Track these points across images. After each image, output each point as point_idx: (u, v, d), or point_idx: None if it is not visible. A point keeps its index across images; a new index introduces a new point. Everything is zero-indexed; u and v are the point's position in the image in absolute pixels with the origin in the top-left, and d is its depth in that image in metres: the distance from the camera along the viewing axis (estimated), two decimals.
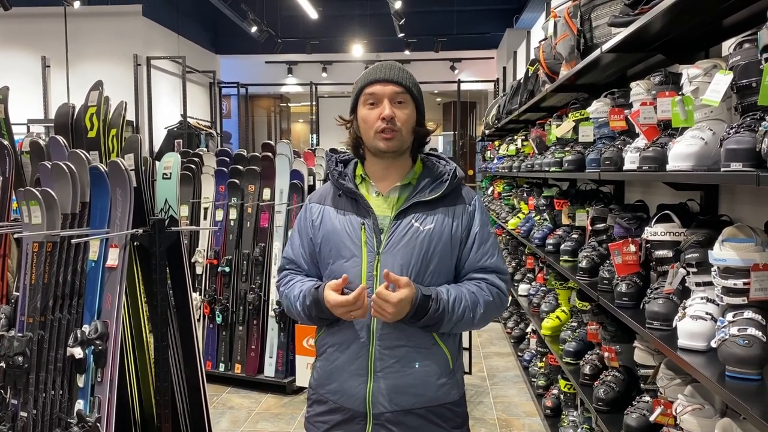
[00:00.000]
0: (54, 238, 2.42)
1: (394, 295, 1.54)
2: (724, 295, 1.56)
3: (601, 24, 2.76)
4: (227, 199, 4.84)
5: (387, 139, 1.65)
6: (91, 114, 2.66)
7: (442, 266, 1.67)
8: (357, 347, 1.64)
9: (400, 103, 1.67)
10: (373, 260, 1.64)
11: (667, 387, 1.99)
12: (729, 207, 2.24)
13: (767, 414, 1.25)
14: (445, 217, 1.67)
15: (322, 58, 12.06)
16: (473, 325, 1.69)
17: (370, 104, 1.68)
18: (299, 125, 17.75)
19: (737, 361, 1.44)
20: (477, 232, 1.70)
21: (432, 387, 1.66)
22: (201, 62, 10.72)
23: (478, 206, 1.74)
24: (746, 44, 1.49)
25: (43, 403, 2.38)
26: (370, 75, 1.69)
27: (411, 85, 1.69)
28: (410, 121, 1.68)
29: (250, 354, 4.63)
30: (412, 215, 1.66)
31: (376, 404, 1.63)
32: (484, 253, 1.70)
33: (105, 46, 8.89)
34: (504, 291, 1.72)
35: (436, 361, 1.67)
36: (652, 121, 2.15)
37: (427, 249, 1.64)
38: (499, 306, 1.71)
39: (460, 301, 1.62)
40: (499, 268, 1.72)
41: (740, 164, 1.38)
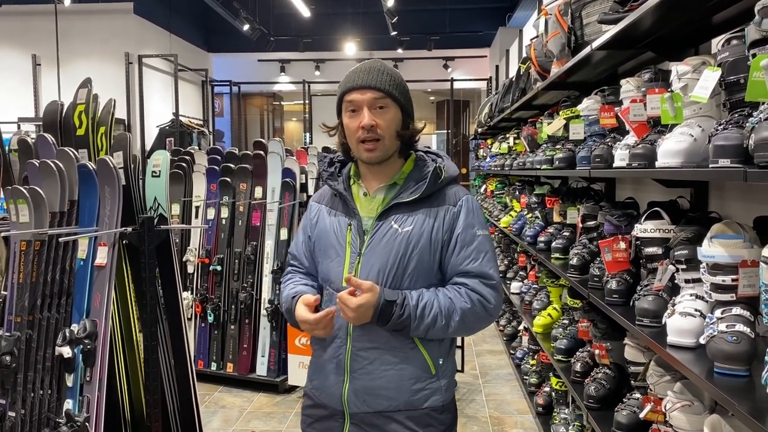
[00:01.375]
0: (42, 237, 2.40)
1: (354, 300, 1.54)
2: (712, 292, 1.56)
3: (591, 21, 2.76)
4: (219, 198, 4.82)
5: (369, 150, 1.62)
6: (80, 112, 2.64)
7: (421, 269, 1.62)
8: (335, 346, 1.66)
9: (382, 108, 1.62)
10: (354, 261, 1.64)
11: (657, 384, 1.99)
12: (718, 204, 2.25)
13: (755, 410, 1.25)
14: (425, 219, 1.63)
15: (314, 56, 12.04)
16: (450, 332, 1.61)
17: (351, 111, 1.64)
18: (292, 124, 17.71)
19: (725, 358, 1.44)
20: (459, 234, 1.63)
21: (406, 391, 1.61)
22: (193, 60, 10.68)
23: (465, 207, 1.65)
24: (734, 41, 1.50)
25: (31, 403, 2.37)
26: (349, 82, 1.65)
27: (391, 87, 1.63)
28: (393, 126, 1.64)
29: (242, 353, 4.62)
30: (393, 217, 1.64)
31: (351, 404, 1.64)
32: (466, 257, 1.62)
33: (96, 44, 8.85)
34: (487, 298, 1.61)
35: (414, 365, 1.62)
36: (641, 118, 2.15)
37: (405, 251, 1.61)
38: (481, 314, 1.61)
39: (430, 307, 1.57)
40: (484, 272, 1.62)
41: (728, 160, 1.38)
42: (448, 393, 1.68)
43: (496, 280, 1.64)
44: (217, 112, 12.50)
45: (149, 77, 9.24)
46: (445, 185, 1.67)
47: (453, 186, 1.70)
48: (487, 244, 1.66)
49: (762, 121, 1.18)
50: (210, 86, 11.25)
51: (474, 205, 1.68)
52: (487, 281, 1.62)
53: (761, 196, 2.02)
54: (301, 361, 4.28)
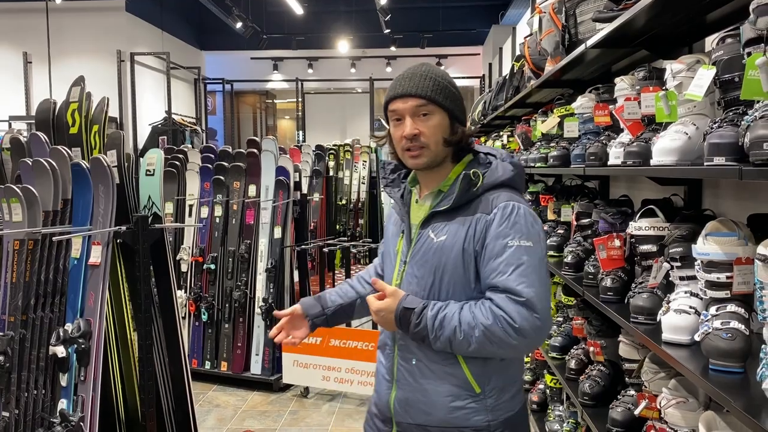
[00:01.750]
0: (35, 236, 2.39)
1: (375, 304, 1.54)
2: (707, 289, 1.57)
3: (585, 20, 2.77)
4: (212, 196, 4.81)
5: (414, 156, 1.57)
6: (73, 110, 2.63)
7: (456, 280, 1.54)
8: (386, 353, 1.66)
9: (425, 115, 1.55)
10: (401, 269, 1.63)
11: (652, 381, 2.00)
12: (712, 201, 2.26)
13: (751, 406, 1.26)
14: (459, 228, 1.54)
15: (307, 54, 12.02)
16: (473, 349, 1.48)
17: (396, 120, 1.59)
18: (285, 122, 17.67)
19: (720, 355, 1.45)
20: (488, 245, 1.50)
21: (442, 408, 1.54)
22: (185, 58, 10.64)
23: (499, 215, 1.51)
24: (729, 39, 1.50)
25: (25, 403, 2.36)
26: (392, 90, 1.60)
27: (434, 93, 1.55)
28: (438, 133, 1.56)
29: (236, 352, 4.61)
30: (432, 226, 1.59)
31: (396, 412, 1.62)
32: (492, 270, 1.49)
33: (88, 42, 8.80)
34: (512, 316, 1.44)
35: (452, 382, 1.54)
36: (636, 116, 2.16)
37: (438, 262, 1.55)
38: (507, 333, 1.45)
39: (450, 319, 1.48)
40: (510, 288, 1.46)
41: (723, 158, 1.38)
42: (497, 413, 1.55)
43: (526, 298, 1.45)
44: (210, 111, 12.47)
45: (141, 75, 9.20)
46: (485, 191, 1.56)
47: (495, 192, 1.56)
48: (524, 256, 1.48)
49: (757, 120, 1.19)
50: (203, 84, 11.21)
51: (515, 212, 1.52)
52: (515, 297, 1.46)
53: (755, 193, 2.03)
54: (296, 360, 4.28)
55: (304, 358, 4.25)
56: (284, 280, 4.63)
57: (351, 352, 4.11)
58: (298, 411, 4.13)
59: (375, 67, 12.01)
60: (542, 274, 1.50)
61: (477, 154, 1.66)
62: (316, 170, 6.98)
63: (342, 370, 4.14)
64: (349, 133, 12.56)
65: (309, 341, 4.23)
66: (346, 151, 8.40)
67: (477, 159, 1.65)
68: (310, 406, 4.23)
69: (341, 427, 3.86)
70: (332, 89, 13.59)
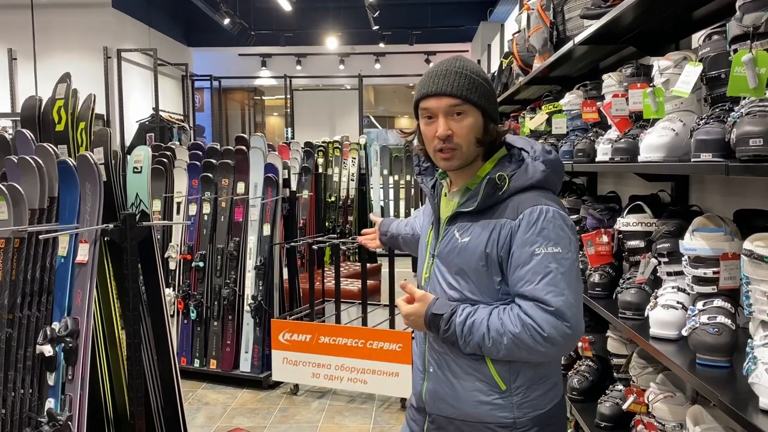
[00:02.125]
0: (21, 234, 2.37)
1: (404, 309, 1.55)
2: (694, 284, 1.58)
3: (573, 16, 2.77)
4: (200, 194, 4.78)
5: (445, 159, 1.53)
6: (59, 107, 2.61)
7: (480, 283, 1.52)
8: (420, 345, 1.67)
9: (459, 114, 1.50)
10: (430, 261, 1.63)
11: (640, 376, 2.02)
12: (699, 197, 2.28)
13: (737, 400, 1.27)
14: (482, 232, 1.50)
15: (296, 50, 11.98)
16: (502, 355, 1.47)
17: (427, 118, 1.54)
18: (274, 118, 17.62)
19: (707, 349, 1.47)
20: (514, 252, 1.46)
21: (468, 403, 1.54)
22: (173, 55, 10.58)
23: (525, 222, 1.45)
24: (715, 36, 1.51)
25: (12, 403, 2.34)
26: (424, 87, 1.53)
27: (469, 92, 1.49)
28: (472, 133, 1.51)
29: (225, 349, 4.60)
30: (458, 224, 1.56)
31: (427, 403, 1.63)
32: (520, 278, 1.45)
33: (74, 39, 8.73)
34: (541, 325, 1.41)
35: (478, 378, 1.53)
36: (623, 112, 2.17)
37: (462, 262, 1.53)
38: (535, 341, 1.42)
39: (478, 326, 1.46)
40: (538, 297, 1.42)
41: (710, 155, 1.40)
42: (524, 411, 1.52)
43: (555, 307, 1.41)
44: (198, 107, 12.41)
45: (128, 72, 9.13)
46: (511, 195, 1.50)
47: (523, 194, 1.50)
48: (552, 264, 1.43)
49: (743, 116, 1.20)
50: (190, 81, 11.15)
51: (542, 218, 1.45)
52: (544, 306, 1.42)
53: (741, 189, 2.05)
54: (285, 357, 4.27)
55: (294, 355, 4.24)
56: (273, 277, 4.62)
57: (341, 349, 4.11)
58: (287, 408, 4.13)
59: (364, 64, 12.00)
60: (572, 280, 1.45)
61: (511, 149, 1.59)
62: (305, 167, 6.96)
63: (332, 367, 4.14)
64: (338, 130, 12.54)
65: (298, 338, 4.23)
66: (335, 148, 8.39)
67: (509, 155, 1.57)
68: (299, 403, 4.22)
69: (331, 424, 3.86)
70: (320, 86, 13.57)
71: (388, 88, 16.78)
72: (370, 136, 10.66)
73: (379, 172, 9.84)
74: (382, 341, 4.01)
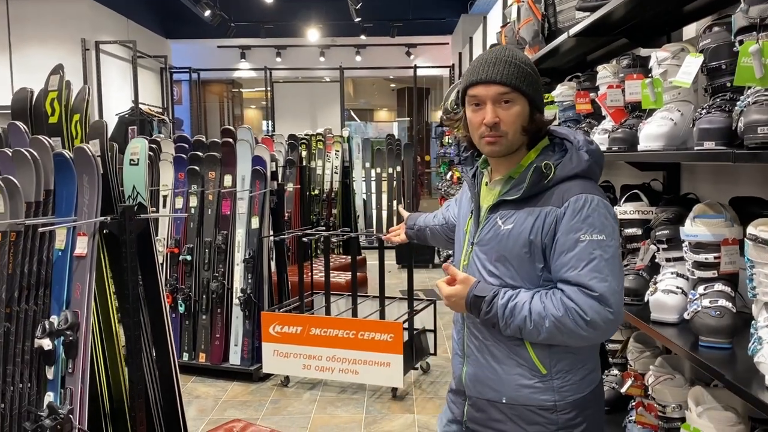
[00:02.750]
0: (18, 227, 2.35)
1: (446, 290, 1.58)
2: (695, 269, 1.63)
3: (565, 9, 2.82)
4: (187, 187, 4.75)
5: (491, 144, 1.55)
6: (52, 99, 2.58)
7: (521, 268, 1.55)
8: (458, 329, 1.72)
9: (507, 102, 1.53)
10: (469, 249, 1.66)
11: (637, 360, 2.07)
12: (691, 186, 2.33)
13: (742, 379, 1.32)
14: (526, 218, 1.53)
15: (276, 42, 11.91)
16: (543, 338, 1.50)
17: (474, 105, 1.56)
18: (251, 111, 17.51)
19: (710, 332, 1.52)
20: (559, 239, 1.49)
21: (510, 386, 1.58)
22: (151, 47, 10.45)
23: (570, 209, 1.48)
24: (716, 27, 1.55)
25: (11, 397, 2.32)
26: (473, 75, 1.55)
27: (518, 81, 1.52)
28: (518, 121, 1.53)
29: (214, 343, 4.59)
30: (500, 212, 1.59)
31: (467, 386, 1.67)
32: (563, 264, 1.48)
33: (50, 30, 8.57)
34: (584, 310, 1.44)
35: (518, 363, 1.57)
36: (618, 103, 2.22)
37: (504, 249, 1.56)
38: (578, 325, 1.45)
39: (520, 309, 1.49)
40: (582, 283, 1.45)
41: (713, 143, 1.44)
42: (564, 394, 1.56)
43: (599, 293, 1.44)
44: (176, 100, 12.28)
45: (106, 64, 9.00)
46: (556, 184, 1.53)
47: (568, 183, 1.52)
48: (597, 251, 1.46)
49: (750, 105, 1.24)
50: (169, 73, 11.03)
51: (587, 206, 1.48)
52: (588, 292, 1.45)
53: (732, 177, 2.11)
54: (276, 349, 4.28)
55: (285, 347, 4.25)
56: (263, 270, 4.62)
57: (332, 340, 4.13)
58: (279, 400, 4.14)
59: (344, 56, 11.97)
60: (615, 267, 1.48)
61: (553, 139, 1.63)
62: (289, 160, 6.95)
63: (323, 358, 4.16)
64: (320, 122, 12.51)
65: (289, 330, 4.24)
66: (318, 140, 8.38)
67: (552, 145, 1.61)
68: (291, 394, 4.24)
69: (323, 414, 3.88)
70: (300, 78, 13.51)
71: (367, 81, 16.78)
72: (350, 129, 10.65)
73: (361, 165, 9.85)
74: (373, 332, 4.04)
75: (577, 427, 1.56)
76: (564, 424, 1.55)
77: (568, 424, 1.56)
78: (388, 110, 18.83)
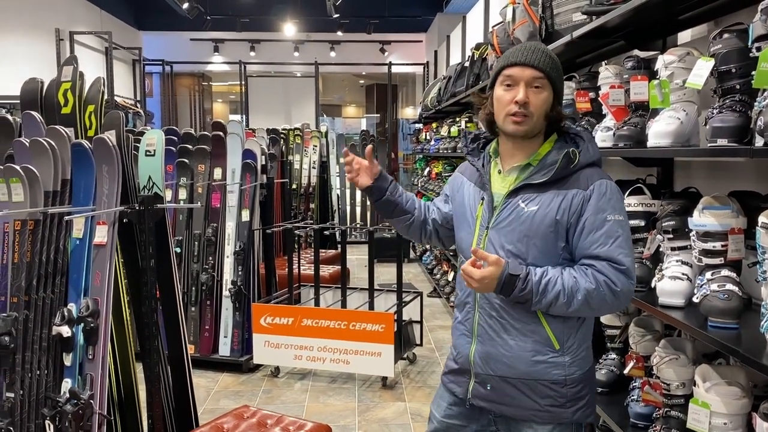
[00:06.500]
0: (36, 216, 2.37)
1: (478, 272, 1.62)
2: (702, 257, 1.77)
3: (562, 12, 2.94)
4: (176, 179, 4.76)
5: (517, 122, 1.66)
6: (65, 90, 2.61)
7: (544, 248, 1.66)
8: (466, 311, 1.80)
9: (537, 87, 1.65)
10: (482, 234, 1.74)
11: (639, 343, 2.21)
12: (685, 181, 2.49)
13: (755, 354, 1.46)
14: (552, 200, 1.65)
15: (249, 36, 11.86)
16: (572, 310, 1.62)
17: (506, 85, 1.68)
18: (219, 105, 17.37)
19: (719, 313, 1.66)
20: (588, 218, 1.63)
21: (525, 362, 1.69)
22: (123, 38, 10.30)
23: (597, 192, 1.64)
24: (726, 34, 1.69)
25: (29, 384, 2.35)
26: (511, 57, 1.69)
27: (551, 70, 1.66)
28: (545, 106, 1.67)
29: (204, 334, 4.62)
30: (521, 196, 1.69)
31: (476, 365, 1.76)
32: (593, 241, 1.62)
33: (24, 19, 8.38)
34: (614, 281, 1.59)
35: (534, 339, 1.68)
36: (620, 102, 2.35)
37: (528, 230, 1.66)
38: (607, 296, 1.60)
39: (554, 284, 1.60)
40: (613, 257, 1.60)
41: (725, 140, 1.58)
42: (574, 368, 1.70)
43: (626, 266, 1.61)
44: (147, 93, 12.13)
45: (80, 55, 8.81)
46: (580, 169, 1.67)
47: (589, 169, 1.68)
48: (620, 229, 1.63)
49: None
50: (142, 65, 10.89)
51: (609, 190, 1.65)
52: (617, 266, 1.61)
53: (727, 173, 2.27)
54: (267, 340, 4.34)
55: (276, 338, 4.31)
56: (253, 263, 4.67)
57: (323, 331, 4.21)
58: (271, 390, 4.20)
59: (318, 51, 11.99)
60: (631, 243, 1.67)
61: (563, 134, 1.76)
62: (271, 154, 6.97)
63: (314, 348, 4.24)
64: (294, 117, 12.51)
65: (280, 322, 4.30)
66: (296, 135, 8.41)
67: (564, 138, 1.75)
68: (282, 384, 4.30)
69: (317, 403, 3.96)
70: (273, 73, 13.46)
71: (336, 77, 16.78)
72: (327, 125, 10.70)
73: (335, 160, 9.91)
74: (364, 322, 4.13)
75: (582, 399, 1.73)
76: (572, 397, 1.71)
77: (575, 396, 1.71)
78: (357, 106, 18.87)
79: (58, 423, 2.28)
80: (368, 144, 9.54)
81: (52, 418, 2.28)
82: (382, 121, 14.94)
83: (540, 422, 1.71)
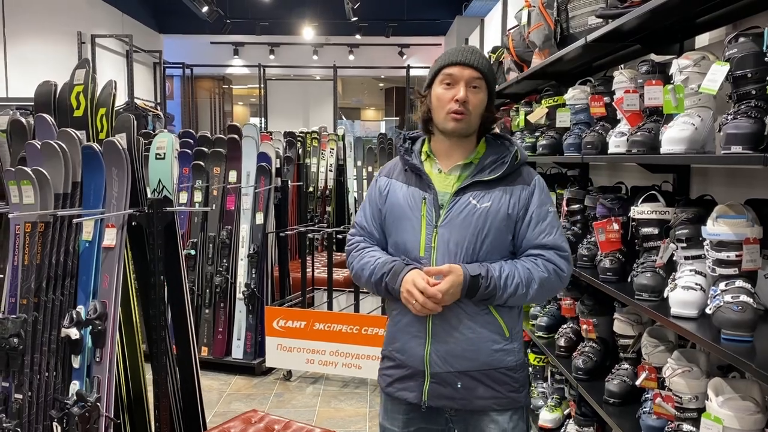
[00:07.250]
0: (46, 218, 2.38)
1: (441, 287, 1.65)
2: (716, 267, 1.72)
3: (578, 15, 2.90)
4: (191, 182, 4.78)
5: (456, 120, 1.74)
6: (78, 92, 2.62)
7: (497, 243, 1.75)
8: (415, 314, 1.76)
9: (475, 87, 1.75)
10: (431, 233, 1.75)
11: (652, 354, 2.16)
12: (702, 188, 2.43)
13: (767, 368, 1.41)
14: (502, 196, 1.75)
15: (269, 39, 11.92)
16: (528, 299, 1.75)
17: (446, 84, 1.75)
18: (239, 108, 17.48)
19: (733, 325, 1.60)
20: (534, 211, 1.77)
21: (484, 352, 1.76)
22: (144, 41, 10.42)
23: (538, 186, 1.79)
24: (741, 38, 1.64)
25: (37, 385, 2.36)
26: (451, 56, 1.76)
27: (488, 72, 1.77)
28: (481, 106, 1.77)
29: (217, 336, 4.63)
30: (471, 193, 1.75)
31: (433, 364, 1.77)
32: (541, 231, 1.76)
33: (45, 23, 8.51)
34: (562, 268, 1.76)
35: (489, 329, 1.76)
36: (635, 107, 2.30)
37: (483, 226, 1.73)
38: (556, 282, 1.77)
39: (512, 277, 1.70)
40: (558, 245, 1.77)
41: (740, 147, 1.53)
42: (521, 354, 1.83)
43: (568, 252, 1.79)
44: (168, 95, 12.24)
45: (101, 58, 8.96)
46: (520, 166, 1.81)
47: (526, 167, 1.83)
48: (556, 220, 1.80)
49: None
50: (162, 68, 11.00)
51: (544, 184, 1.83)
52: (561, 253, 1.77)
53: (745, 180, 2.21)
54: (280, 343, 4.33)
55: (289, 341, 4.30)
56: (267, 266, 4.67)
57: (335, 335, 4.19)
58: (283, 394, 4.20)
59: (337, 55, 12.01)
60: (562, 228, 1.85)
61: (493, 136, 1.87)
62: (287, 157, 6.98)
63: (326, 353, 4.22)
64: (312, 120, 12.54)
65: (293, 325, 4.29)
66: (314, 138, 8.42)
67: (495, 139, 1.86)
68: (294, 388, 4.29)
69: (328, 408, 3.94)
70: (292, 76, 13.52)
71: (356, 80, 16.81)
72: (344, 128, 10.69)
73: (353, 163, 9.90)
74: (377, 327, 4.10)
75: (528, 384, 1.89)
76: (523, 381, 1.83)
77: (524, 382, 1.84)
78: (376, 109, 18.87)
79: (65, 425, 2.28)
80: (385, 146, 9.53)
81: (60, 420, 2.28)
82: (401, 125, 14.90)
83: (499, 409, 1.78)
